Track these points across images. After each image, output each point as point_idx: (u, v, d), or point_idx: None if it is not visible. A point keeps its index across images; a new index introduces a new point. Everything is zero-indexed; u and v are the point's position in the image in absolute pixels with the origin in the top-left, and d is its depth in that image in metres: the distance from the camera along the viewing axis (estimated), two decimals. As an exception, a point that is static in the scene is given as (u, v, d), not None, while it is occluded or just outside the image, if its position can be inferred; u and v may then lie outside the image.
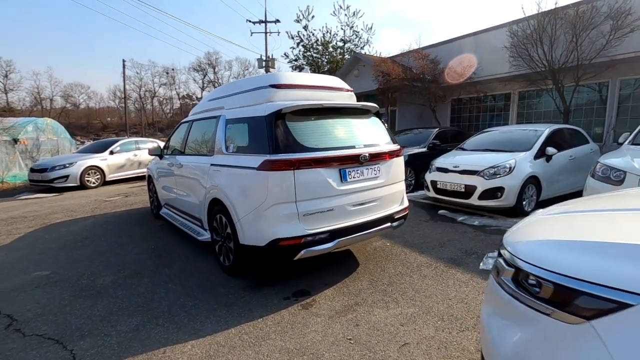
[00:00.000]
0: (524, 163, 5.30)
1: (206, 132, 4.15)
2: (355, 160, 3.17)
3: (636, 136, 4.42)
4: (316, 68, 15.63)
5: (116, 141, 11.14)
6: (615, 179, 3.67)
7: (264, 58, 25.32)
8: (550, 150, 5.54)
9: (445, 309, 2.78)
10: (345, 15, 14.74)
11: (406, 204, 3.76)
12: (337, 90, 3.74)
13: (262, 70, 27.74)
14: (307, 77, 3.57)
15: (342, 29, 14.97)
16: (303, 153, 2.94)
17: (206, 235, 3.95)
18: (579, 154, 6.17)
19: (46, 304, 3.07)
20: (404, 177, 3.75)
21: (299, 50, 15.81)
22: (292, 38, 15.87)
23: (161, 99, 59.68)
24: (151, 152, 5.42)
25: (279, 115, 3.04)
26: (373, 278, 3.39)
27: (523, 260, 1.32)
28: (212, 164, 3.66)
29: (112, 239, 4.89)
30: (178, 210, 4.85)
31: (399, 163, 3.65)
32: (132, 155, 11.02)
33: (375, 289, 3.16)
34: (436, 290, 3.11)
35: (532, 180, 5.31)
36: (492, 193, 5.17)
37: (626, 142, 4.43)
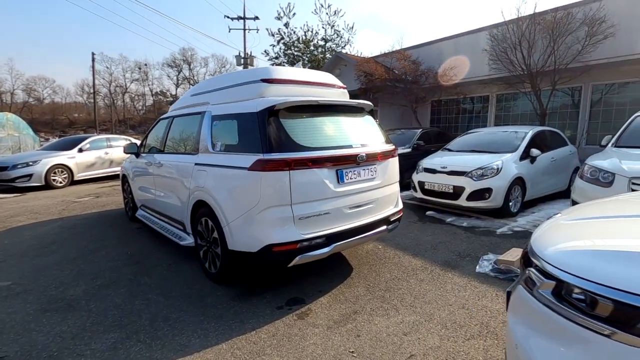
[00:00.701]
0: (510, 164, 5.33)
1: (189, 129, 3.87)
2: (352, 161, 3.02)
3: (619, 138, 4.52)
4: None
5: (85, 138, 10.48)
6: (604, 180, 3.72)
7: (242, 55, 24.88)
8: (535, 151, 5.62)
9: (447, 316, 2.68)
10: (327, 14, 14.58)
11: (400, 205, 3.64)
12: (330, 87, 3.57)
13: (240, 68, 27.24)
14: (300, 73, 3.38)
15: (323, 27, 14.69)
16: (298, 152, 2.75)
17: (189, 240, 3.68)
18: (559, 155, 6.31)
19: (6, 320, 2.73)
20: (398, 178, 3.64)
21: (280, 48, 15.53)
22: (273, 35, 15.57)
23: (133, 95, 57.44)
24: (127, 149, 5.05)
25: (272, 112, 2.84)
26: (369, 283, 3.25)
27: (567, 272, 1.20)
28: (196, 164, 3.40)
29: (82, 244, 4.50)
30: (157, 213, 4.53)
31: (395, 164, 3.53)
32: (104, 153, 10.41)
33: (373, 296, 3.02)
34: (435, 295, 3.01)
35: (518, 181, 5.36)
36: (480, 194, 5.17)
37: (610, 145, 4.52)
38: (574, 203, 4.05)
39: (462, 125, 12.66)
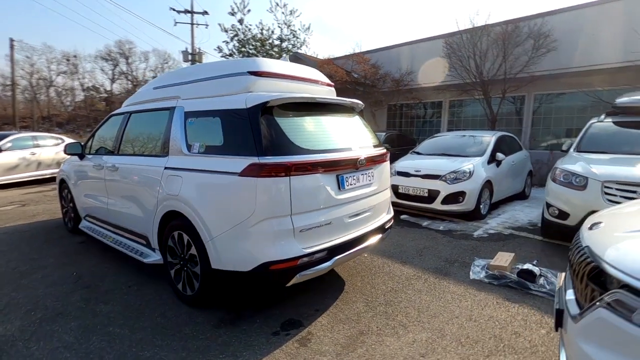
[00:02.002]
0: (480, 168, 5.46)
1: (154, 128, 3.33)
2: (353, 165, 2.75)
3: (579, 144, 4.81)
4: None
5: (5, 136, 8.96)
6: (578, 184, 3.88)
7: (189, 51, 23.49)
8: (500, 155, 5.83)
9: (458, 330, 2.52)
10: (283, 13, 14.14)
11: (392, 212, 3.46)
12: (320, 84, 3.28)
13: (188, 64, 25.70)
14: (289, 67, 3.05)
15: (279, 26, 14.25)
16: (297, 156, 2.42)
17: (155, 257, 3.15)
18: (517, 159, 6.66)
19: None
20: (390, 184, 3.45)
21: (234, 45, 14.81)
22: (226, 31, 14.78)
23: (60, 90, 51.63)
24: (69, 150, 4.27)
25: (265, 109, 2.47)
26: (367, 298, 3.00)
27: None
28: (167, 167, 2.90)
29: (10, 266, 3.68)
30: (109, 224, 3.86)
31: (387, 168, 3.34)
32: (29, 154, 8.98)
33: (375, 312, 2.77)
34: (438, 307, 2.85)
35: (487, 185, 5.51)
36: (455, 197, 5.21)
37: (572, 150, 4.79)
38: (549, 205, 4.19)
39: (416, 129, 13.07)
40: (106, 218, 3.87)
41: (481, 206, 5.42)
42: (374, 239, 3.02)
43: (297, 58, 13.64)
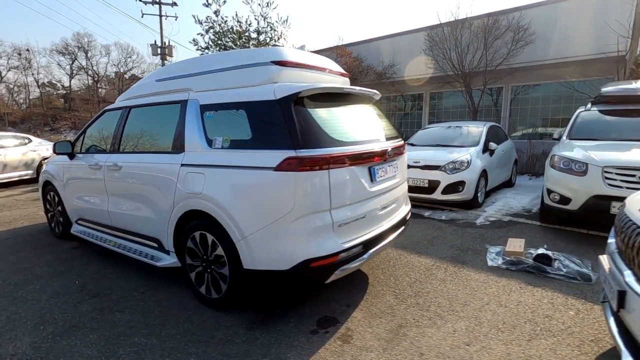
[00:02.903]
0: (476, 157, 5.59)
1: (162, 122, 3.13)
2: (383, 157, 2.71)
3: (570, 132, 5.02)
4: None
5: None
6: (578, 170, 4.04)
7: (158, 44, 22.48)
8: (492, 145, 6.00)
9: (492, 317, 2.56)
10: (259, 5, 13.78)
11: (409, 204, 3.45)
12: (337, 74, 3.19)
13: (157, 58, 24.59)
14: (310, 57, 2.94)
15: (256, 19, 13.89)
16: (334, 148, 2.34)
17: (169, 260, 2.97)
18: (506, 148, 6.89)
19: None
20: (406, 175, 3.44)
21: (209, 37, 14.25)
22: (201, 23, 14.17)
23: (12, 86, 47.99)
24: (58, 149, 3.94)
25: (297, 100, 2.36)
26: (394, 290, 2.98)
27: None
28: (184, 164, 2.72)
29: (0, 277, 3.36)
30: (110, 228, 3.61)
31: (406, 159, 3.32)
32: (-7, 155, 8.27)
33: (407, 304, 2.76)
34: (466, 295, 2.88)
35: (483, 174, 5.65)
36: (454, 187, 5.31)
37: (564, 137, 4.99)
38: (550, 191, 4.35)
39: (397, 121, 13.24)
40: (106, 221, 3.61)
41: (478, 195, 5.56)
42: (398, 231, 3.00)
43: (277, 51, 13.38)
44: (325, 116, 2.50)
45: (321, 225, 2.27)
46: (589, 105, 5.37)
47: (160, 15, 22.72)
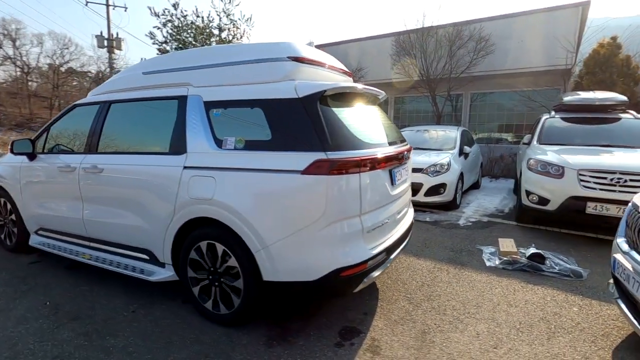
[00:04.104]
0: (454, 160, 5.79)
1: (153, 120, 2.81)
2: (400, 159, 2.65)
3: (540, 137, 5.38)
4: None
5: None
6: (555, 172, 4.33)
7: (105, 36, 20.78)
8: (467, 148, 6.27)
9: (507, 317, 2.60)
10: (221, 0, 13.31)
11: (412, 207, 3.45)
12: (346, 74, 3.09)
13: (104, 51, 22.70)
14: (321, 54, 2.80)
15: (218, 15, 13.39)
16: (362, 150, 2.24)
17: (164, 274, 2.67)
18: (474, 152, 7.24)
19: None
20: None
21: (167, 31, 13.41)
22: (157, 16, 13.29)
23: None
24: (16, 149, 3.38)
25: (321, 99, 2.23)
26: (406, 295, 2.94)
27: None
28: (187, 167, 2.45)
29: (-56, 302, 2.80)
30: (84, 239, 3.16)
31: (411, 162, 3.31)
32: None
33: (423, 309, 2.73)
34: (475, 297, 2.91)
35: (461, 176, 5.87)
36: (436, 189, 5.45)
37: (534, 142, 5.33)
38: (528, 193, 4.61)
39: (363, 124, 13.43)
40: (79, 231, 3.16)
41: (457, 196, 5.76)
42: (409, 236, 2.96)
43: (242, 49, 12.96)
44: (346, 116, 2.39)
45: (352, 232, 2.15)
46: (552, 113, 5.80)
47: (108, 5, 21.05)
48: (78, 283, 3.13)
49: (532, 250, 3.57)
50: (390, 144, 2.65)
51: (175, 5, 13.23)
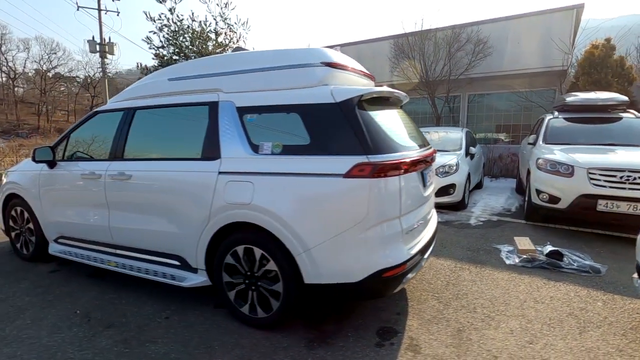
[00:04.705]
0: (462, 161, 5.89)
1: (183, 126, 2.82)
2: (429, 161, 2.71)
3: (545, 137, 5.50)
4: (186, 59, 13.56)
5: None
6: (565, 171, 4.44)
7: (97, 40, 20.55)
8: (472, 149, 6.38)
9: (536, 314, 2.67)
10: (217, 5, 13.30)
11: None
12: (370, 78, 3.15)
13: (97, 56, 22.44)
14: (349, 59, 2.85)
15: (214, 19, 13.38)
16: (399, 153, 2.29)
17: (197, 279, 2.68)
18: (478, 153, 7.36)
19: None
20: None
21: (163, 35, 13.34)
22: (153, 21, 13.21)
23: None
24: (38, 156, 3.34)
25: (358, 103, 2.27)
26: (434, 295, 2.99)
27: None
28: (223, 172, 2.46)
29: (-30, 313, 2.76)
30: (109, 246, 3.15)
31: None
32: None
33: (453, 307, 2.78)
34: (502, 294, 2.98)
35: (468, 176, 5.96)
36: (446, 190, 5.53)
37: (540, 142, 5.45)
38: (539, 192, 4.71)
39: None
40: (104, 238, 3.14)
41: (465, 196, 5.85)
42: (435, 237, 3.02)
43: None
44: (380, 120, 2.44)
45: (392, 233, 2.19)
46: (556, 113, 5.94)
47: (99, 9, 20.84)
48: (104, 291, 3.12)
49: (549, 247, 3.66)
50: (419, 146, 2.71)
51: (171, 10, 13.19)
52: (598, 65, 8.36)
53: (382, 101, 2.68)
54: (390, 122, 2.59)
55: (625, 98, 5.54)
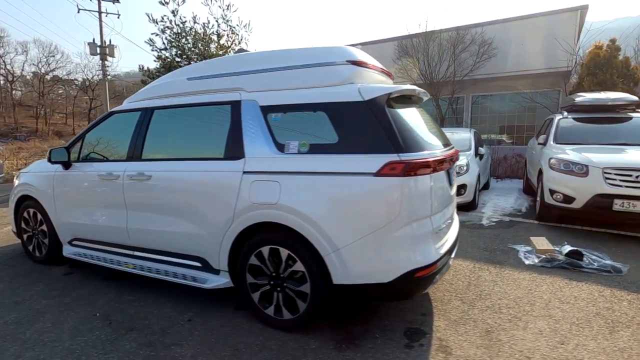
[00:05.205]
0: (472, 161, 5.87)
1: (204, 125, 2.78)
2: (453, 161, 2.68)
3: (555, 137, 5.49)
4: (188, 61, 13.54)
5: None
6: (579, 171, 4.42)
7: (97, 43, 20.50)
8: (481, 150, 6.37)
9: (563, 314, 2.64)
10: (220, 7, 13.31)
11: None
12: (389, 75, 3.12)
13: (97, 58, 22.36)
14: (370, 58, 2.83)
15: (216, 21, 13.39)
16: (429, 151, 2.26)
17: (219, 281, 2.64)
18: (486, 153, 7.35)
19: None
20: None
21: (166, 37, 13.32)
22: (155, 22, 13.20)
23: None
24: (54, 157, 3.30)
25: (386, 102, 2.25)
26: (457, 295, 2.96)
27: None
28: (247, 172, 2.43)
29: (-13, 317, 2.71)
30: (126, 247, 3.10)
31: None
32: None
33: (478, 308, 2.75)
34: (525, 294, 2.95)
35: (478, 177, 5.95)
36: (457, 190, 5.49)
37: (551, 142, 5.44)
38: (552, 192, 4.70)
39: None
40: (122, 240, 3.09)
41: (476, 197, 5.83)
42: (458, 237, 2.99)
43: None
44: (408, 118, 2.41)
45: (424, 232, 2.17)
46: (565, 114, 5.94)
47: (100, 12, 20.82)
48: (121, 293, 3.07)
49: (568, 247, 3.64)
50: (443, 145, 2.68)
51: (174, 12, 13.17)
52: (603, 66, 8.39)
53: (405, 99, 2.66)
54: (415, 120, 2.56)
55: (635, 98, 5.55)
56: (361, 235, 2.13)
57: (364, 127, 2.20)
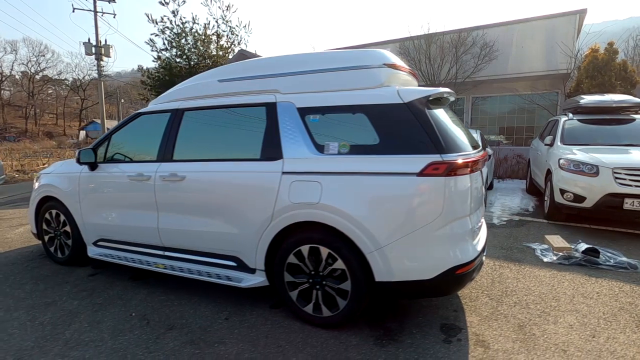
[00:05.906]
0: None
1: (239, 127, 2.82)
2: (484, 162, 2.76)
3: (562, 138, 5.63)
4: (188, 61, 13.50)
5: None
6: (590, 171, 4.55)
7: (93, 42, 20.27)
8: (489, 150, 6.48)
9: (589, 309, 2.74)
10: (219, 7, 13.31)
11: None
12: (415, 76, 3.19)
13: (92, 58, 22.08)
14: (399, 60, 2.89)
15: (216, 21, 13.38)
16: (467, 152, 2.34)
17: (255, 280, 2.68)
18: (490, 153, 7.48)
19: None
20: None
21: (166, 38, 13.27)
22: (155, 23, 13.15)
23: None
24: (83, 159, 3.30)
25: (425, 103, 2.32)
26: (483, 291, 3.04)
27: None
28: (286, 172, 2.48)
29: (20, 316, 2.70)
30: (156, 248, 3.12)
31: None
32: None
33: (507, 304, 2.83)
34: (549, 291, 3.04)
35: (487, 177, 6.06)
36: (467, 190, 5.60)
37: (558, 142, 5.58)
38: (563, 191, 4.82)
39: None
40: (152, 240, 3.11)
41: (485, 197, 5.94)
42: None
43: (244, 56, 12.96)
44: (444, 120, 2.48)
45: (464, 231, 2.24)
46: (570, 115, 6.09)
47: (95, 11, 20.58)
48: (152, 293, 3.09)
49: (584, 245, 3.75)
50: (473, 147, 2.76)
51: (174, 12, 13.13)
52: (602, 69, 8.60)
53: (436, 101, 2.73)
54: (449, 121, 2.64)
55: (638, 100, 5.71)
56: (404, 233, 2.19)
57: (405, 128, 2.26)
